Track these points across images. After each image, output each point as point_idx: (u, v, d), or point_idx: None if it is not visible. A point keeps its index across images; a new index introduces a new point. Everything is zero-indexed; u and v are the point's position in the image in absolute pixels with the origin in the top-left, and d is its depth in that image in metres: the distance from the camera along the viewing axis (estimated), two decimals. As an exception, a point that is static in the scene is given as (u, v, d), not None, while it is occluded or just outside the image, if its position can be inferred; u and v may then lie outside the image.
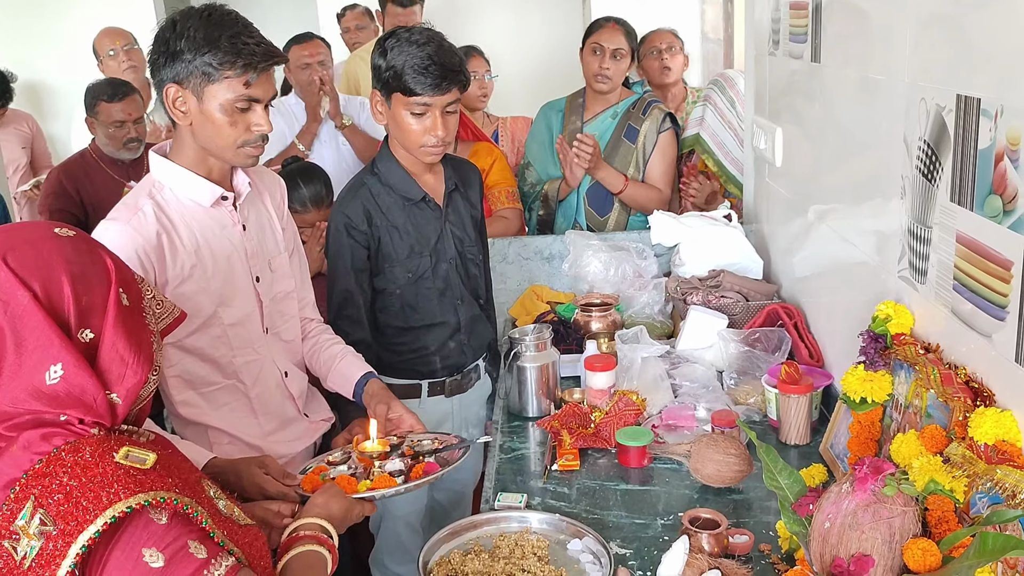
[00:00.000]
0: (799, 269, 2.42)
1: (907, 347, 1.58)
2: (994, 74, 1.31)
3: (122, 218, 1.70)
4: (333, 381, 2.02)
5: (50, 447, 1.11)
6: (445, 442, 1.80)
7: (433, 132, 2.09)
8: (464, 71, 2.10)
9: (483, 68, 3.54)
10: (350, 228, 2.16)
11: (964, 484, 1.29)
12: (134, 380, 1.18)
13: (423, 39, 2.05)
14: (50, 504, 1.06)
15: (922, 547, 1.20)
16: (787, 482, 1.40)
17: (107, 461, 1.10)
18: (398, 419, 1.87)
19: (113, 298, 1.20)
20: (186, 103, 1.69)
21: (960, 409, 1.37)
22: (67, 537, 1.04)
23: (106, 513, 1.05)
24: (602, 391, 2.12)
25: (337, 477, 1.63)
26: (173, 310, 1.40)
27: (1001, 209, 1.29)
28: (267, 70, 1.71)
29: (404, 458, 1.71)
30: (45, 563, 1.04)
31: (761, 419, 2.08)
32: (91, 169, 3.42)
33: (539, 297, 2.86)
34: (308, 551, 1.35)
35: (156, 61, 1.70)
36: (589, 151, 2.92)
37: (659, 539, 1.65)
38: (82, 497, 1.06)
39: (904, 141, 1.62)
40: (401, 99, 2.07)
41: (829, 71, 2.06)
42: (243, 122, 1.71)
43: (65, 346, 1.13)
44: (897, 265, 1.69)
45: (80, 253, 1.20)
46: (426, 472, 1.66)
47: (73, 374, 1.13)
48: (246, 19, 1.74)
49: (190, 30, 1.66)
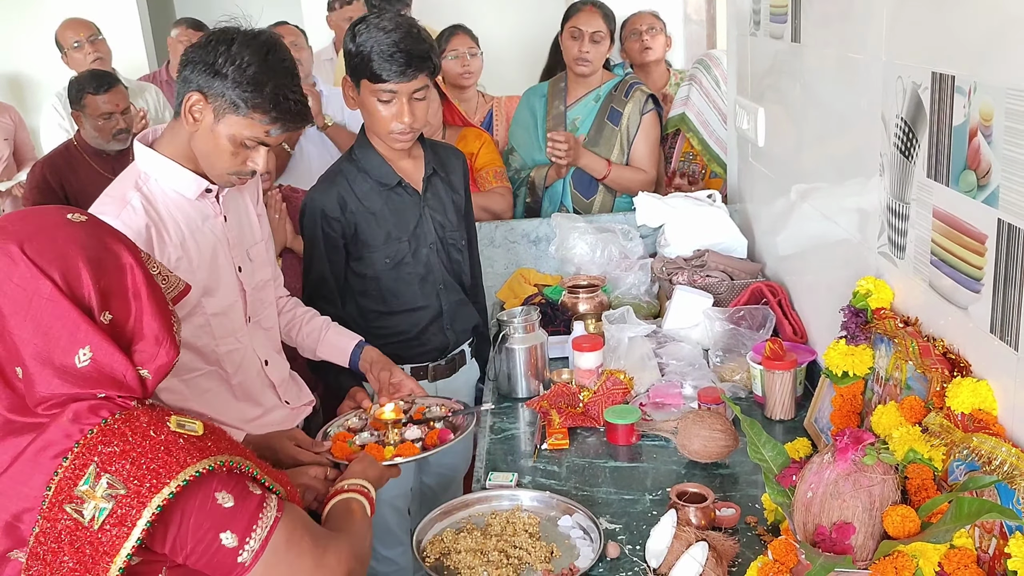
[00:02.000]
0: (783, 248, 2.45)
1: (887, 321, 1.61)
2: (968, 52, 1.34)
3: (111, 212, 1.70)
4: (324, 351, 2.09)
5: (98, 419, 1.18)
6: (451, 407, 1.98)
7: (399, 119, 2.09)
8: (432, 57, 2.09)
9: (466, 46, 3.49)
10: (324, 216, 2.18)
11: (942, 452, 1.33)
12: (165, 358, 1.26)
13: (391, 25, 2.04)
14: (117, 469, 1.14)
15: (901, 513, 1.23)
16: (771, 454, 1.43)
17: (165, 429, 1.19)
18: (399, 384, 2.02)
19: (138, 281, 1.26)
20: (202, 114, 1.69)
21: (938, 380, 1.41)
22: (142, 498, 1.14)
23: (179, 476, 1.16)
24: (590, 371, 2.15)
25: (366, 445, 1.82)
26: (178, 284, 1.45)
27: (975, 184, 1.32)
28: (291, 130, 1.74)
29: (418, 424, 1.90)
30: (118, 522, 1.13)
31: (747, 395, 2.12)
32: (75, 162, 3.41)
33: (526, 280, 2.88)
34: (349, 498, 1.54)
35: (194, 62, 1.69)
36: (563, 149, 2.93)
37: (648, 514, 1.68)
38: (152, 462, 1.15)
39: (882, 119, 1.65)
40: (368, 86, 2.08)
41: (809, 51, 2.08)
42: (243, 156, 1.72)
43: (91, 329, 1.19)
44: (877, 241, 1.72)
45: (93, 238, 1.25)
46: (440, 438, 1.85)
47: (102, 355, 1.20)
48: (296, 67, 1.75)
49: (244, 61, 1.65)
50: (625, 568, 1.53)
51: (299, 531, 1.29)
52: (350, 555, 1.35)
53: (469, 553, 1.57)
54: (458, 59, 3.47)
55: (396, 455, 1.79)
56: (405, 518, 2.43)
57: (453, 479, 2.53)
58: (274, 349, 2.02)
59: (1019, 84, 1.19)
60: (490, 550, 1.57)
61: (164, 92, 4.31)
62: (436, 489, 2.50)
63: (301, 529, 1.30)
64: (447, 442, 1.85)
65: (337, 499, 1.54)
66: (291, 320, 2.11)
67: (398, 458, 1.77)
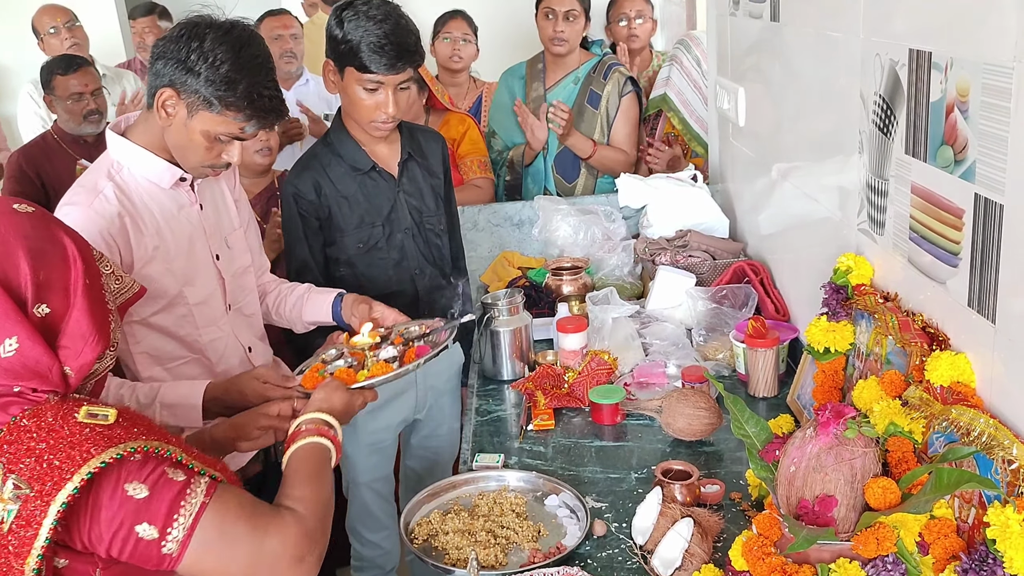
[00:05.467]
0: (764, 227, 2.46)
1: (867, 297, 1.63)
2: (944, 28, 1.35)
3: (83, 202, 1.68)
4: (308, 313, 2.05)
5: (7, 416, 1.15)
6: (431, 327, 1.87)
7: (384, 109, 2.09)
8: (419, 50, 2.10)
9: (460, 31, 3.48)
10: (299, 199, 2.18)
11: (922, 425, 1.35)
12: (90, 356, 1.22)
13: (381, 15, 2.03)
14: (21, 469, 1.10)
15: (882, 485, 1.25)
16: (754, 430, 1.45)
17: (71, 422, 1.15)
18: (381, 317, 1.92)
19: (78, 276, 1.22)
20: (175, 109, 1.66)
21: (917, 354, 1.42)
22: (46, 497, 1.09)
23: (82, 470, 1.10)
24: (574, 352, 2.16)
25: (335, 372, 1.68)
26: (132, 285, 1.43)
27: (952, 159, 1.33)
28: (266, 126, 1.71)
29: (395, 346, 1.78)
30: (25, 523, 1.09)
31: (730, 374, 2.14)
32: (52, 151, 3.36)
33: (510, 263, 2.88)
34: (309, 443, 1.42)
35: (165, 56, 1.65)
36: (564, 118, 2.94)
37: (633, 492, 1.70)
38: (54, 458, 1.11)
39: (861, 96, 1.66)
40: (354, 74, 2.07)
41: (788, 30, 2.09)
42: (218, 149, 1.70)
43: (20, 320, 1.16)
44: (857, 218, 1.74)
45: (38, 229, 1.22)
46: (418, 355, 1.72)
47: (28, 347, 1.16)
48: (271, 62, 1.71)
49: (217, 58, 1.61)
50: (612, 546, 1.55)
51: (232, 515, 1.20)
52: (299, 535, 1.23)
53: (457, 534, 1.58)
54: (450, 42, 3.46)
55: (371, 376, 1.66)
56: (389, 502, 2.44)
57: (438, 463, 2.53)
58: (257, 336, 2.01)
59: (995, 59, 1.20)
60: (478, 530, 1.58)
61: (141, 80, 4.27)
62: (422, 473, 2.51)
63: (235, 512, 1.20)
64: (426, 357, 1.72)
65: (295, 445, 1.42)
66: (277, 298, 2.09)
67: (375, 379, 1.65)
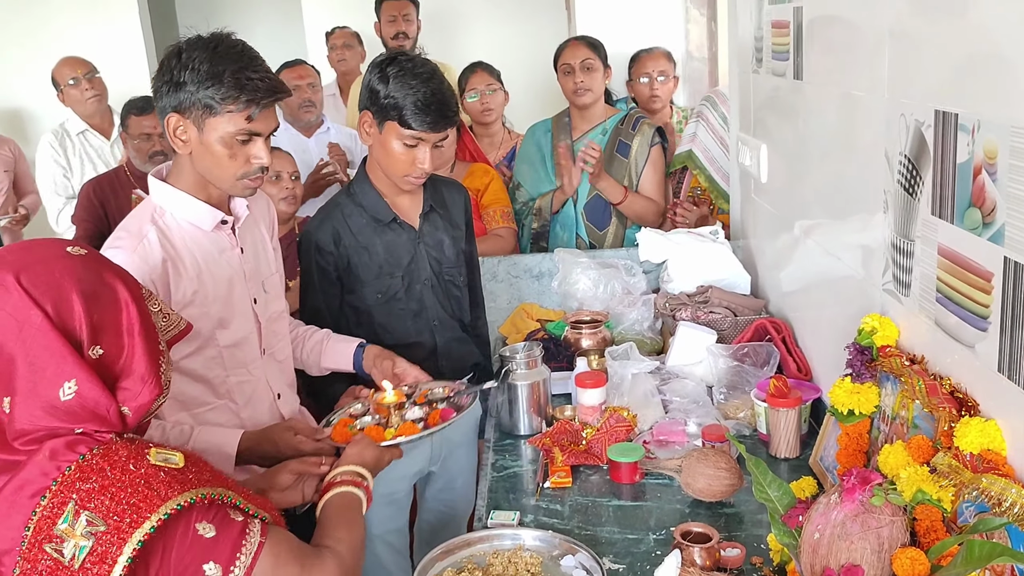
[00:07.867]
0: (786, 284, 2.44)
1: (893, 359, 1.60)
2: (971, 90, 1.34)
3: (127, 246, 1.71)
4: (328, 359, 2.10)
5: (76, 455, 1.18)
6: (454, 389, 1.97)
7: (420, 164, 2.13)
8: (458, 110, 2.17)
9: (484, 83, 3.52)
10: (318, 249, 2.22)
11: (951, 493, 1.31)
12: (148, 397, 1.26)
13: (427, 73, 2.08)
14: (96, 506, 1.14)
15: (911, 556, 1.21)
16: (777, 494, 1.41)
17: (144, 463, 1.19)
18: (403, 373, 2.02)
19: (132, 318, 1.26)
20: (187, 132, 1.70)
21: (945, 419, 1.39)
22: (122, 534, 1.13)
23: (159, 510, 1.15)
24: (593, 408, 2.13)
25: (365, 428, 1.78)
26: (179, 322, 1.46)
27: (980, 221, 1.31)
28: (269, 106, 1.73)
29: (421, 406, 1.87)
30: (99, 560, 1.12)
31: (751, 433, 2.10)
32: (120, 185, 3.48)
33: (529, 315, 2.87)
34: (344, 492, 1.55)
35: (159, 89, 1.71)
36: (596, 156, 2.97)
37: (651, 554, 1.66)
38: (131, 496, 1.15)
39: (885, 156, 1.65)
40: (395, 129, 2.10)
41: (811, 88, 2.09)
42: (243, 154, 1.72)
43: (78, 363, 1.20)
44: (882, 278, 1.71)
45: (91, 272, 1.26)
46: (443, 417, 1.83)
47: (86, 389, 1.20)
48: (252, 51, 1.74)
49: (195, 62, 1.66)
50: (629, 610, 1.50)
51: (284, 554, 1.29)
52: (339, 572, 1.36)
53: (470, 594, 1.54)
54: (478, 98, 3.51)
55: (399, 435, 1.76)
56: (403, 556, 2.40)
57: (453, 518, 2.50)
58: (287, 383, 2.02)
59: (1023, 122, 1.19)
60: (491, 591, 1.55)
61: None
62: (437, 527, 2.47)
63: (287, 552, 1.30)
64: (449, 420, 1.82)
65: (331, 494, 1.54)
66: (295, 339, 2.12)
67: (400, 438, 1.75)
